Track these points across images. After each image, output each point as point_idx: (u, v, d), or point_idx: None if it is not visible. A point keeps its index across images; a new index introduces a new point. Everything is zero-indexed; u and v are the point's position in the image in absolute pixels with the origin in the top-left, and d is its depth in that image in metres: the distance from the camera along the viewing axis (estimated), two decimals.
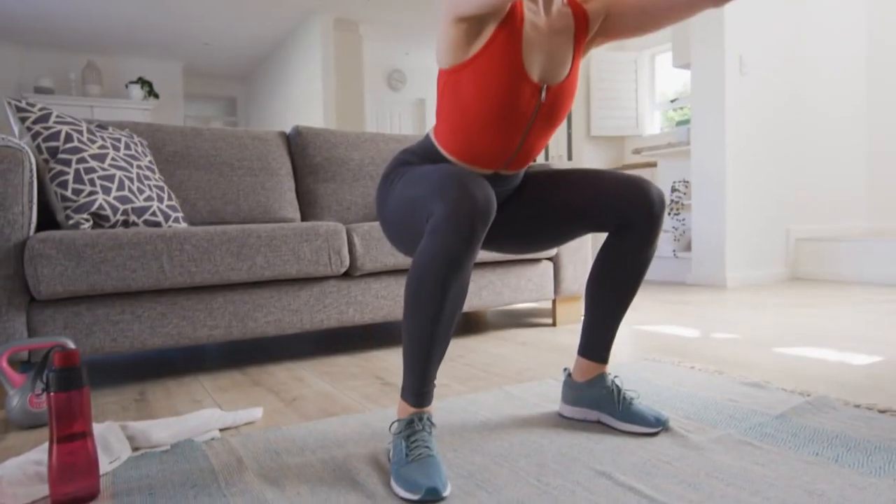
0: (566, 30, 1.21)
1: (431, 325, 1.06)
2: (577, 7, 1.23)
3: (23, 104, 1.84)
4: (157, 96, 7.49)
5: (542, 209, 1.31)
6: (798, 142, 4.11)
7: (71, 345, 1.54)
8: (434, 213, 1.03)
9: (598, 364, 1.37)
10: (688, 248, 4.19)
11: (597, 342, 1.36)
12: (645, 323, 2.64)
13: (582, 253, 2.61)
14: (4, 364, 1.47)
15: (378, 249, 2.11)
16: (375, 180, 2.61)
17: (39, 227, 1.92)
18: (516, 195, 1.36)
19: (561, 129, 6.53)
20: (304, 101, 7.00)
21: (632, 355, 2.05)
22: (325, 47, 6.50)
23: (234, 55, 7.88)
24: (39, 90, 6.88)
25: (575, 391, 1.39)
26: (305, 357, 2.16)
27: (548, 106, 1.21)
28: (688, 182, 4.19)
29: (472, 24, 1.11)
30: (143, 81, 7.32)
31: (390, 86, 8.17)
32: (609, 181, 1.26)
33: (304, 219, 2.49)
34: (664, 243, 4.21)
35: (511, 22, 1.13)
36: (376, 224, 2.14)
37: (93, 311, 1.72)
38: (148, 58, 7.79)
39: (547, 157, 6.74)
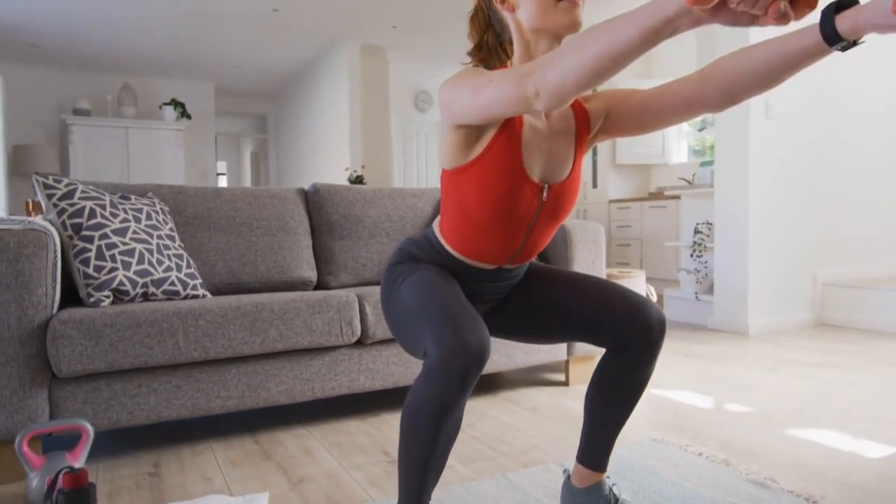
0: (567, 130, 1.22)
1: (425, 459, 1.08)
2: (577, 106, 1.25)
3: (49, 180, 1.91)
4: (189, 117, 7.67)
5: (545, 312, 1.32)
6: (826, 180, 4.03)
7: (88, 426, 1.60)
8: (428, 355, 1.04)
9: (596, 473, 1.37)
10: (710, 290, 4.13)
11: (594, 451, 1.37)
12: (659, 385, 2.62)
13: None
14: (25, 448, 1.54)
15: None
16: (391, 237, 2.64)
17: (63, 295, 1.99)
18: (522, 290, 1.37)
19: (587, 157, 6.49)
20: (332, 121, 7.10)
21: (641, 430, 2.04)
22: (352, 71, 6.59)
23: (264, 76, 8.03)
24: (78, 112, 7.10)
25: (573, 496, 1.39)
26: (316, 421, 2.20)
27: (550, 205, 1.23)
28: (711, 224, 4.13)
29: (472, 129, 1.14)
30: (175, 103, 7.51)
31: (417, 107, 8.23)
32: (612, 298, 1.26)
33: (320, 277, 2.53)
34: (687, 285, 4.16)
35: (510, 126, 1.15)
36: None
37: (111, 385, 1.78)
38: (181, 79, 7.99)
39: None
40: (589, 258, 2.57)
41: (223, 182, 11.46)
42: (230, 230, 2.38)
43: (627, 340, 1.24)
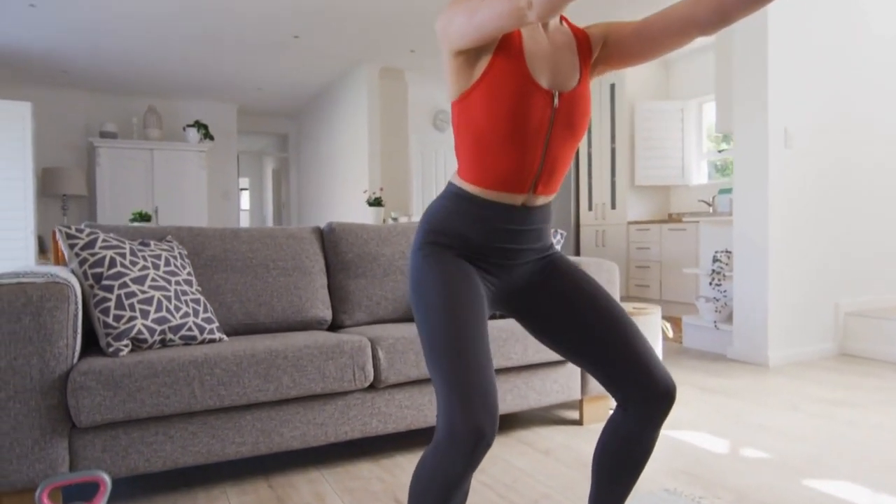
0: (568, 44, 1.24)
1: None
2: (576, 28, 1.28)
3: (72, 230, 1.97)
4: (212, 138, 7.81)
5: (567, 319, 1.28)
6: (848, 207, 3.97)
7: (106, 478, 1.64)
8: (438, 424, 1.07)
9: None
10: (729, 319, 4.09)
11: None
12: (675, 425, 2.59)
13: None
14: (45, 500, 1.58)
15: (402, 362, 2.16)
16: (406, 274, 2.66)
17: (83, 340, 2.05)
18: (558, 281, 1.30)
19: (605, 178, 6.48)
20: (352, 140, 7.18)
21: (655, 478, 2.02)
22: (371, 92, 6.67)
23: (285, 98, 8.15)
24: (104, 134, 7.28)
25: None
26: (329, 463, 2.22)
27: (563, 113, 1.21)
28: (730, 252, 4.09)
29: (471, 52, 1.16)
30: (199, 125, 7.65)
31: (436, 126, 8.28)
32: (629, 350, 1.23)
33: (335, 315, 2.56)
34: (705, 313, 4.11)
35: (509, 41, 1.17)
36: (401, 336, 2.19)
37: (129, 434, 1.82)
38: (204, 100, 8.14)
39: (591, 207, 6.70)
40: None
41: (245, 197, 11.62)
42: (247, 271, 2.42)
43: (629, 401, 1.24)
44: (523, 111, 1.16)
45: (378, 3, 4.92)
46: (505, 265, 1.29)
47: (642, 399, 1.23)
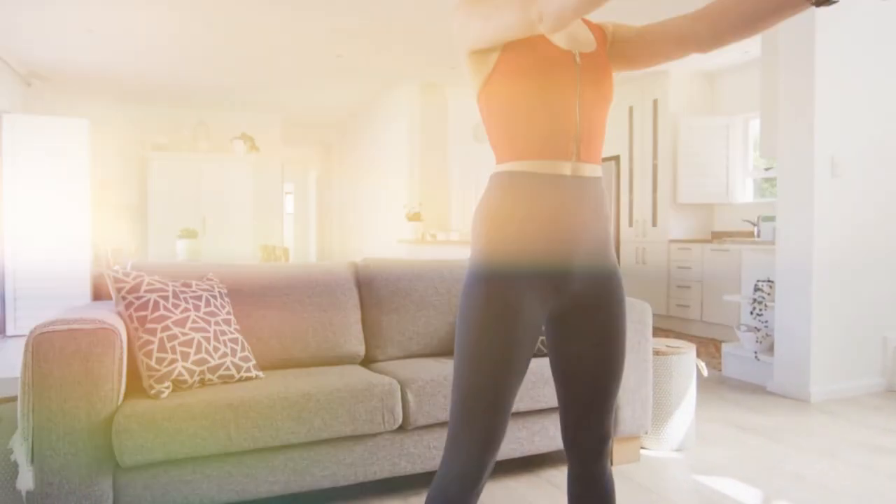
0: (581, 27, 1.28)
1: None
2: (590, 24, 1.32)
3: (119, 274, 2.08)
4: (257, 149, 8.01)
5: (576, 368, 1.27)
6: None
7: None
8: (440, 466, 1.22)
9: None
10: (771, 349, 3.99)
11: None
12: (708, 470, 2.56)
13: (642, 392, 2.57)
14: None
15: (431, 405, 2.19)
16: (438, 309, 2.70)
17: (127, 373, 2.15)
18: (592, 324, 1.25)
19: (646, 195, 6.39)
20: (392, 152, 7.29)
21: None
22: (412, 108, 6.76)
23: (329, 110, 8.31)
24: (157, 147, 7.55)
25: None
26: (359, 502, 2.27)
27: (588, 71, 1.22)
28: (772, 282, 3.99)
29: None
30: (245, 137, 7.86)
31: (476, 138, 8.30)
32: (592, 412, 1.27)
33: (368, 350, 2.62)
34: (746, 342, 4.03)
35: None
36: (430, 379, 2.23)
37: (168, 473, 1.91)
38: (250, 113, 8.36)
39: (631, 223, 6.62)
40: (634, 338, 2.55)
41: (290, 202, 11.87)
42: (284, 307, 2.50)
43: (567, 451, 1.31)
44: (548, 70, 1.19)
45: (419, 24, 4.98)
46: (567, 267, 1.20)
47: (573, 454, 1.31)
